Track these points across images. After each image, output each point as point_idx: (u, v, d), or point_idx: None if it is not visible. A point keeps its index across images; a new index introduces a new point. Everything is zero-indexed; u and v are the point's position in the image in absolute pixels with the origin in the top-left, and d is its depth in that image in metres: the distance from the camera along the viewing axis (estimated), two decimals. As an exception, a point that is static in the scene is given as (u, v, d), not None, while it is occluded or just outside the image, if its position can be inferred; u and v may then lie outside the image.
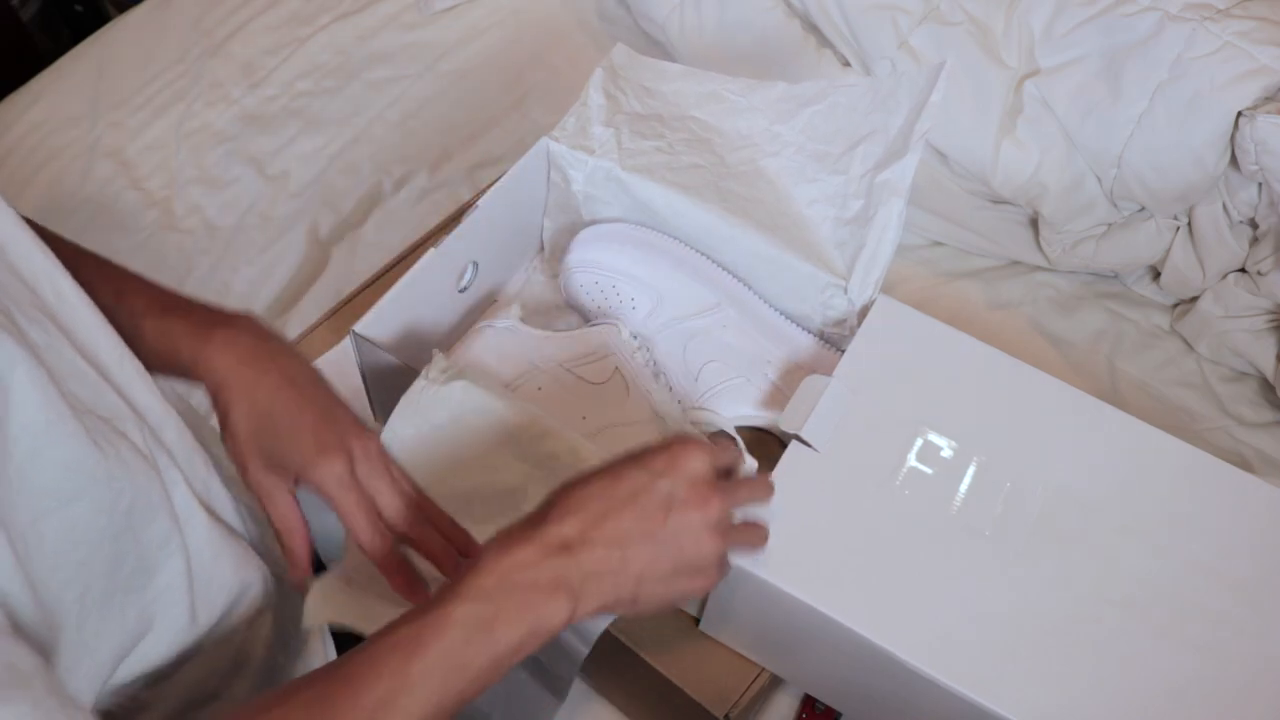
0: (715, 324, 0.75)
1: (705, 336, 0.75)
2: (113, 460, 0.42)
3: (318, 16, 1.32)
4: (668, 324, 0.75)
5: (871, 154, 0.74)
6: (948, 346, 0.69)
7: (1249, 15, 0.81)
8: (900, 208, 0.71)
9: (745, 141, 0.79)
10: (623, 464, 0.48)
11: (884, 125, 0.74)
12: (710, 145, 0.78)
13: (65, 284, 0.46)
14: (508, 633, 0.43)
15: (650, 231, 0.78)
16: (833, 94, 0.77)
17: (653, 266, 0.76)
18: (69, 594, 0.41)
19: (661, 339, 0.75)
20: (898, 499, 0.61)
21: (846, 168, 0.75)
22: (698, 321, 0.75)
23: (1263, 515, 0.63)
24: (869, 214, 0.72)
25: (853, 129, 0.76)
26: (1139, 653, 0.57)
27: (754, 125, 0.79)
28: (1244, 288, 0.88)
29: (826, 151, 0.76)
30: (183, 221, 1.11)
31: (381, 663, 0.41)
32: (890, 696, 0.60)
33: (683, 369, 0.74)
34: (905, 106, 0.73)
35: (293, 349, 0.55)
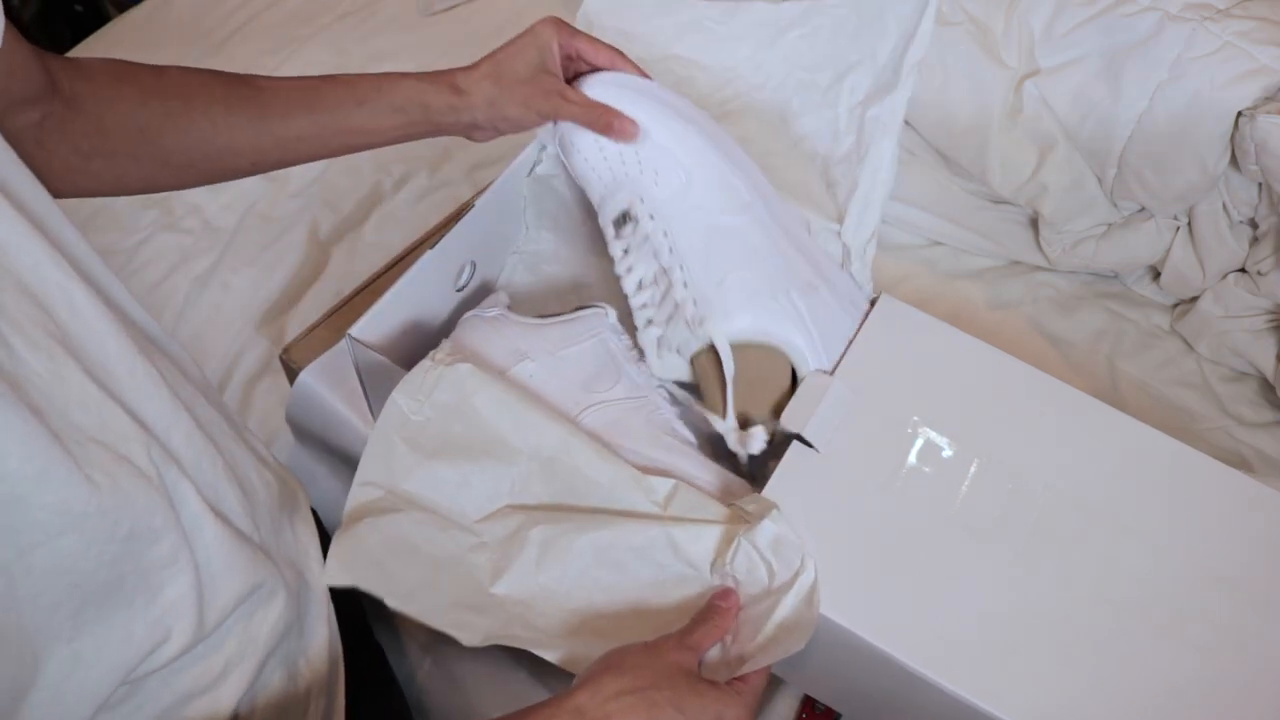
0: (746, 225, 0.66)
1: (732, 237, 0.66)
2: (107, 494, 0.42)
3: (318, 16, 1.32)
4: (692, 211, 0.66)
5: (860, 85, 0.72)
6: (948, 346, 0.69)
7: (1249, 15, 0.81)
8: (893, 147, 0.69)
9: (730, 75, 0.77)
10: (667, 703, 0.50)
11: (871, 52, 0.72)
12: (694, 84, 0.77)
13: (79, 296, 0.46)
14: None
15: (681, 97, 0.67)
16: (815, 16, 0.75)
17: (682, 138, 0.66)
18: (60, 613, 0.42)
19: (683, 227, 0.66)
20: (898, 499, 0.61)
21: (835, 100, 0.73)
22: (727, 219, 0.66)
23: (1261, 516, 0.63)
24: (861, 152, 0.70)
25: (839, 56, 0.73)
26: (1138, 653, 0.56)
27: (736, 55, 0.77)
28: (1244, 288, 0.88)
29: (813, 81, 0.74)
30: (183, 221, 1.11)
31: None
32: (890, 697, 0.59)
33: (704, 269, 0.65)
34: (894, 32, 0.71)
35: None
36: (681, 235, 0.65)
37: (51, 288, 0.44)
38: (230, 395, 0.98)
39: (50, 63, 0.55)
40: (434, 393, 0.61)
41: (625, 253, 0.67)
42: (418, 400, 0.61)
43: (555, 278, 0.85)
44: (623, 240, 0.67)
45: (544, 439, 0.60)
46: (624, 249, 0.67)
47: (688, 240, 0.65)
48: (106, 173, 0.59)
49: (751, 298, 0.64)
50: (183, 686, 0.50)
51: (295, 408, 0.83)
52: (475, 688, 0.84)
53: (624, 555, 0.58)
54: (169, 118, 0.59)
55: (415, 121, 0.65)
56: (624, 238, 0.67)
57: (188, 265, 1.07)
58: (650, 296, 0.67)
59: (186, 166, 0.62)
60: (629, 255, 0.67)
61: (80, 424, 0.42)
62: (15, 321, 0.41)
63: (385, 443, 0.62)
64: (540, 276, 0.84)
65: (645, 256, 0.66)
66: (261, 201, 1.12)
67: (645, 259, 0.66)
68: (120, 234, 1.10)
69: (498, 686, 0.82)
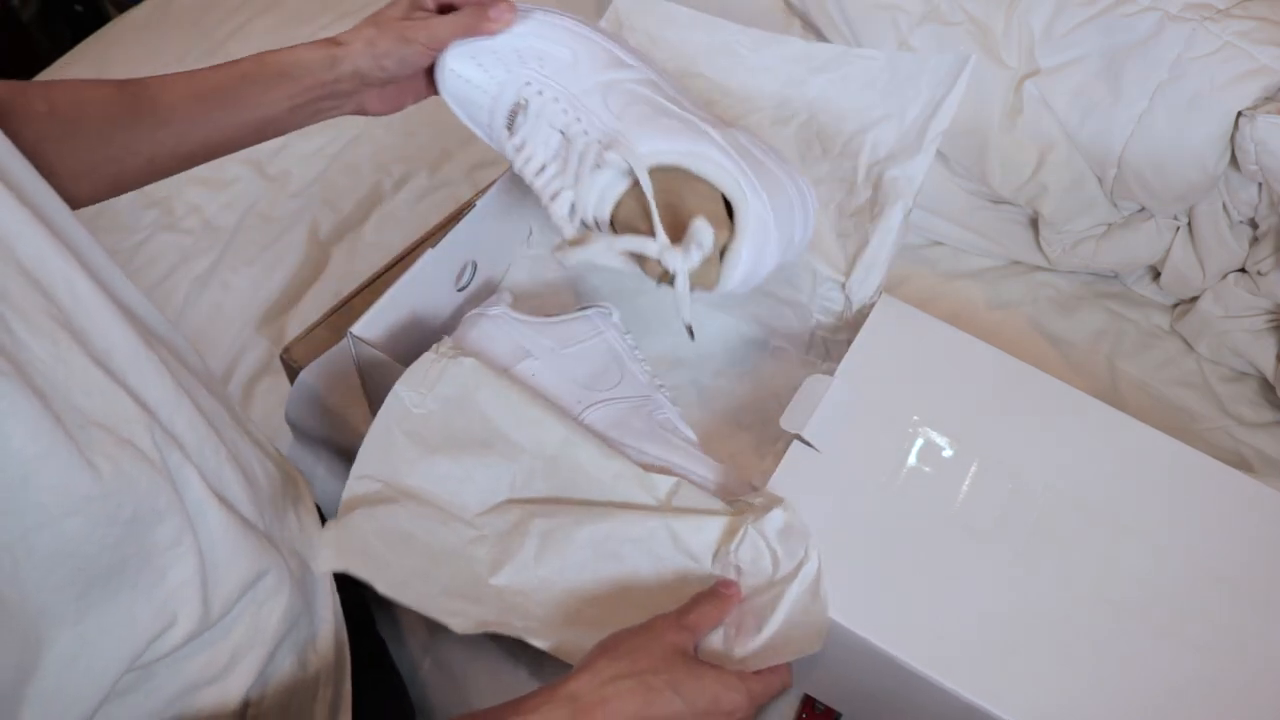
0: (641, 78, 0.65)
1: (628, 89, 0.63)
2: (109, 478, 0.42)
3: (318, 16, 1.32)
4: (583, 76, 0.64)
5: (884, 143, 0.72)
6: (948, 346, 0.69)
7: (1249, 15, 0.81)
8: (904, 212, 0.70)
9: (752, 105, 0.76)
10: (664, 686, 0.50)
11: (899, 111, 0.72)
12: (712, 109, 0.76)
13: (82, 284, 0.46)
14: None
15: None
16: (848, 63, 0.75)
17: (558, 22, 0.65)
18: (65, 596, 0.42)
19: (578, 88, 0.63)
20: (898, 499, 0.61)
21: (857, 152, 0.73)
22: (618, 74, 0.64)
23: (1261, 516, 0.63)
24: (876, 210, 0.71)
25: (867, 109, 0.73)
26: (1138, 653, 0.56)
27: (764, 88, 0.76)
28: (1244, 288, 0.88)
29: (837, 129, 0.74)
30: (183, 221, 1.11)
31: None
32: (890, 696, 0.59)
33: (604, 110, 0.62)
34: (924, 96, 0.71)
35: None
36: (578, 95, 0.63)
37: (55, 275, 0.45)
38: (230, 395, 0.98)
39: None
40: (437, 386, 0.61)
41: (520, 147, 0.64)
42: (420, 393, 0.61)
43: (559, 279, 0.85)
44: (517, 135, 0.65)
45: (547, 436, 0.60)
46: (519, 143, 0.65)
47: (585, 97, 0.63)
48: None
49: (656, 121, 0.61)
50: (191, 674, 0.50)
51: (295, 407, 0.83)
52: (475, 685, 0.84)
53: (623, 547, 0.58)
54: (63, 140, 0.59)
55: (305, 87, 0.65)
56: (518, 131, 0.65)
57: (188, 265, 1.07)
58: (554, 168, 0.63)
59: (91, 184, 0.64)
60: (525, 146, 0.64)
61: (83, 408, 0.42)
62: (18, 306, 0.41)
63: (385, 435, 0.62)
64: (545, 278, 0.84)
65: (540, 132, 0.63)
66: (261, 201, 1.12)
67: (541, 135, 0.63)
68: (120, 234, 1.10)
69: (498, 684, 0.82)
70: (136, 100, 0.62)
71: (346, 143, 1.17)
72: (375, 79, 0.66)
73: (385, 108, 0.70)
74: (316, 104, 0.66)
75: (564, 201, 0.63)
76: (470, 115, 0.67)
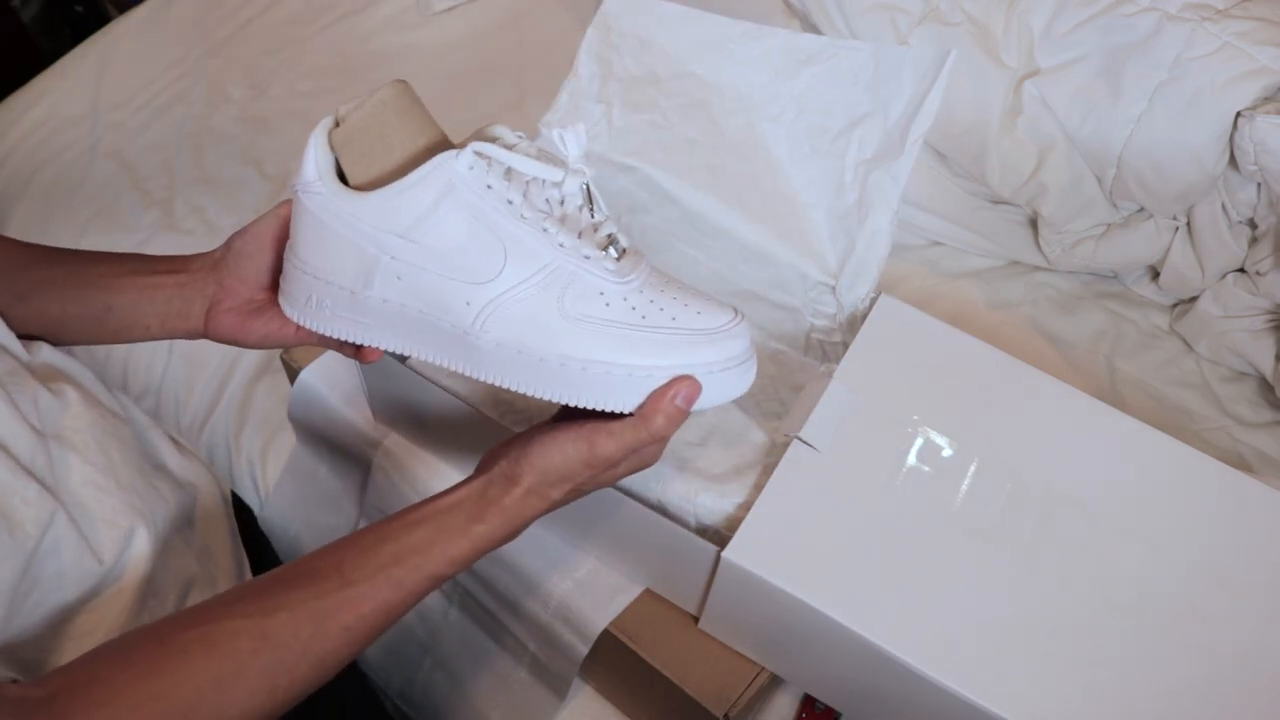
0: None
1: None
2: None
3: (318, 17, 1.32)
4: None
5: (869, 141, 0.72)
6: (948, 346, 0.69)
7: (1248, 15, 0.81)
8: (891, 218, 0.70)
9: (743, 103, 0.76)
10: (598, 470, 0.52)
11: (884, 108, 0.72)
12: (707, 109, 0.76)
13: None
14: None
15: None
16: (834, 55, 0.74)
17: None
18: None
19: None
20: (898, 499, 0.61)
21: (844, 151, 0.73)
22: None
23: (1262, 517, 0.63)
24: (863, 212, 0.71)
25: (853, 103, 0.73)
26: (1138, 653, 0.57)
27: (752, 82, 0.76)
28: (1243, 288, 0.88)
29: (824, 126, 0.74)
30: (183, 221, 1.11)
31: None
32: (890, 696, 0.60)
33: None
34: (908, 91, 0.71)
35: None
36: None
37: None
38: (230, 395, 0.98)
39: None
40: None
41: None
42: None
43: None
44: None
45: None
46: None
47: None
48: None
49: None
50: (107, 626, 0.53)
51: (296, 407, 0.83)
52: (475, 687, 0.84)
53: None
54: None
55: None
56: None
57: (188, 265, 1.07)
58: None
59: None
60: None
61: None
62: None
63: None
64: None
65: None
66: (261, 201, 1.12)
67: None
68: (121, 234, 1.10)
69: (498, 685, 0.83)
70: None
71: (346, 143, 1.17)
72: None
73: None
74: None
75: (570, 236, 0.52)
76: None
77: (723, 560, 0.58)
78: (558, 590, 0.70)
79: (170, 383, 1.01)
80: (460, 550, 0.50)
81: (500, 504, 0.51)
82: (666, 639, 0.67)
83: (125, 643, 0.44)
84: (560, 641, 0.72)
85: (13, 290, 0.57)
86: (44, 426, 0.54)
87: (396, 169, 0.51)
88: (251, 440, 0.95)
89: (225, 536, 0.66)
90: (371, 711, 0.85)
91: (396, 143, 0.52)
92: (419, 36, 1.29)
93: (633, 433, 0.50)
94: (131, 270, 0.58)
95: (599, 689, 0.79)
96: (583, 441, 0.51)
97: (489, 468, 0.53)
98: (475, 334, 0.51)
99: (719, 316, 0.51)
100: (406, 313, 0.52)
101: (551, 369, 0.50)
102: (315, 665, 0.46)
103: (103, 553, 0.53)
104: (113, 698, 0.41)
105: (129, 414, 0.62)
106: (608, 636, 0.68)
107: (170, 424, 1.00)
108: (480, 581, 0.76)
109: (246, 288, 0.58)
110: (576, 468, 0.51)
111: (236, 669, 0.44)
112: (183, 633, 0.44)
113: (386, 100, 0.51)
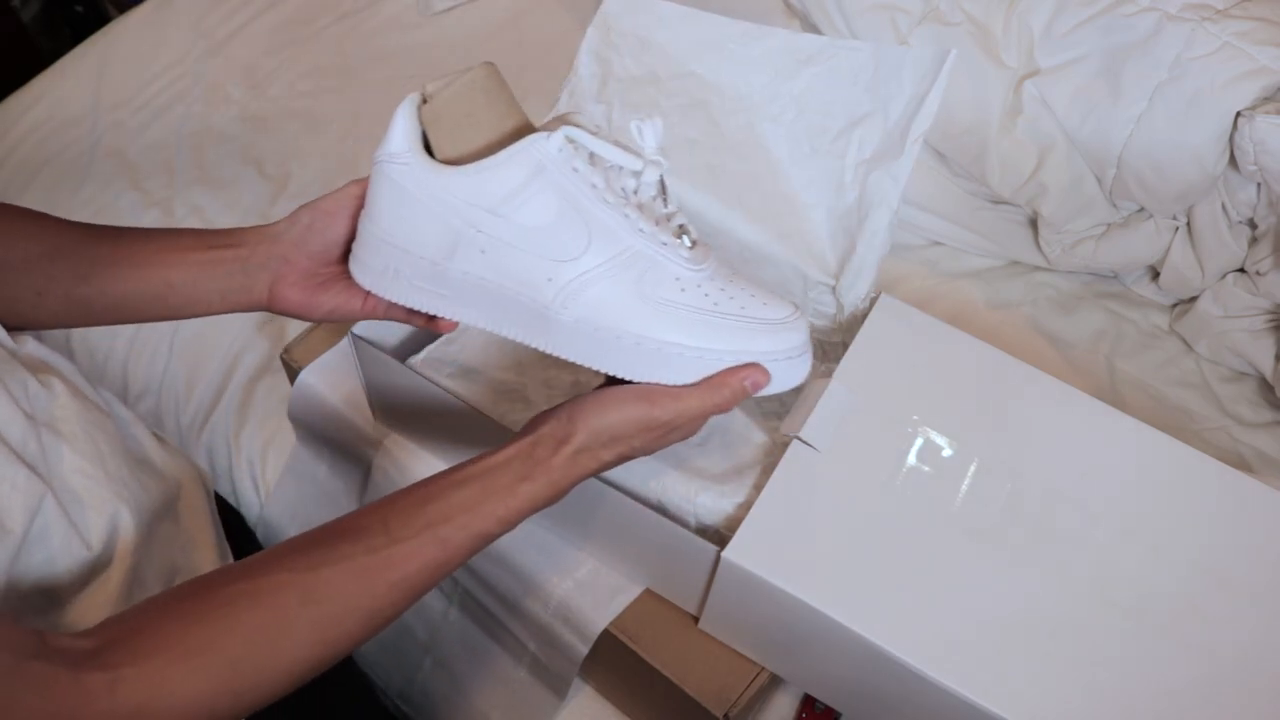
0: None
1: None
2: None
3: (318, 17, 1.32)
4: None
5: (869, 141, 0.72)
6: (948, 346, 0.69)
7: (1248, 15, 0.81)
8: (891, 218, 0.70)
9: (743, 103, 0.76)
10: (652, 433, 0.53)
11: (884, 108, 0.72)
12: (707, 109, 0.76)
13: None
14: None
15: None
16: (834, 55, 0.75)
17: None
18: None
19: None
20: (898, 499, 0.61)
21: (844, 151, 0.73)
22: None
23: (1261, 517, 0.63)
24: (863, 212, 0.71)
25: (853, 103, 0.73)
26: (1137, 653, 0.57)
27: (753, 82, 0.76)
28: (1243, 288, 0.88)
29: (824, 125, 0.74)
30: (183, 222, 1.11)
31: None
32: (890, 696, 0.60)
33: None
34: (907, 91, 0.71)
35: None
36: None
37: None
38: (230, 395, 0.98)
39: None
40: None
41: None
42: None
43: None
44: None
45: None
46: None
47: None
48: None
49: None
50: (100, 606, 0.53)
51: (296, 407, 0.83)
52: (475, 687, 0.84)
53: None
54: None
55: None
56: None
57: (188, 265, 1.07)
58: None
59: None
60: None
61: None
62: None
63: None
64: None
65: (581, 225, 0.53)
66: (261, 201, 1.12)
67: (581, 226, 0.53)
68: (121, 234, 1.10)
69: (498, 686, 0.83)
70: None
71: (346, 143, 1.17)
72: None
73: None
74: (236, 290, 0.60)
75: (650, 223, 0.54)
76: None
77: (723, 560, 0.58)
78: (558, 590, 0.70)
79: (170, 383, 1.01)
80: (507, 509, 0.50)
81: (548, 464, 0.51)
82: (666, 639, 0.67)
83: (173, 595, 0.45)
84: (560, 641, 0.72)
85: (74, 271, 0.56)
86: (35, 413, 0.54)
87: (484, 148, 0.53)
88: (251, 440, 0.95)
89: (209, 530, 0.66)
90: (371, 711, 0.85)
91: (484, 121, 0.53)
92: (419, 36, 1.29)
93: (698, 400, 0.52)
94: (189, 246, 0.58)
95: (599, 689, 0.79)
96: (643, 401, 0.52)
97: (536, 428, 0.53)
98: (555, 310, 0.52)
99: (781, 309, 0.53)
100: (486, 286, 0.54)
101: (626, 347, 0.52)
102: (364, 620, 0.47)
103: (91, 538, 0.53)
104: (160, 648, 0.42)
105: (112, 408, 0.62)
106: (608, 636, 0.68)
107: (170, 424, 1.00)
108: (480, 581, 0.76)
109: (313, 262, 0.59)
110: (632, 428, 0.52)
111: (284, 622, 0.44)
112: (229, 586, 0.44)
113: (476, 80, 0.52)
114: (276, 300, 0.59)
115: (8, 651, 0.38)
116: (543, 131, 0.51)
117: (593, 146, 0.51)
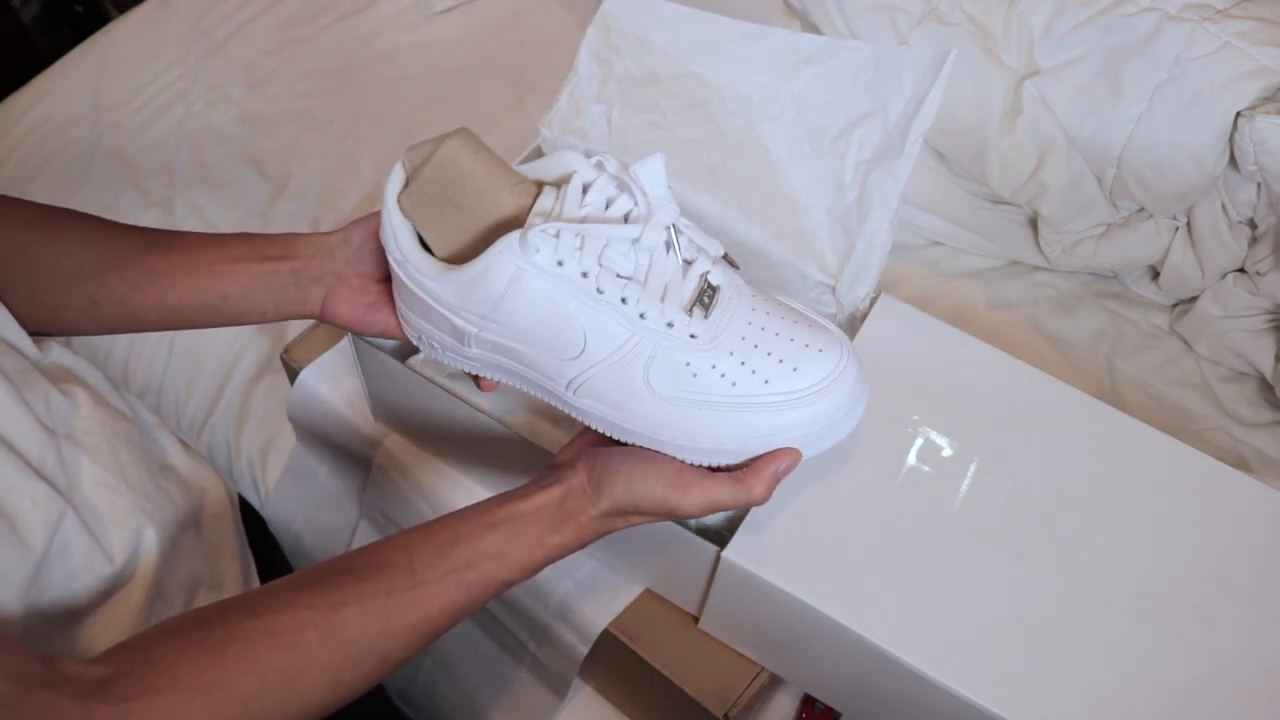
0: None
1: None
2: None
3: (318, 17, 1.32)
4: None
5: (869, 141, 0.73)
6: (948, 346, 0.69)
7: (1248, 15, 0.81)
8: (891, 218, 0.70)
9: (743, 103, 0.76)
10: (678, 515, 0.52)
11: (884, 108, 0.72)
12: (707, 109, 0.76)
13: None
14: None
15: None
16: (834, 55, 0.75)
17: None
18: None
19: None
20: (898, 499, 0.61)
21: (843, 151, 0.73)
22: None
23: (1262, 517, 0.63)
24: (863, 212, 0.71)
25: (853, 103, 0.73)
26: (1137, 653, 0.57)
27: (753, 82, 0.76)
28: (1243, 288, 0.88)
29: (824, 125, 0.74)
30: (183, 222, 1.11)
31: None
32: (890, 696, 0.60)
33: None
34: (907, 91, 0.71)
35: None
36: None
37: None
38: (230, 395, 0.98)
39: None
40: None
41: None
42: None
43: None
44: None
45: None
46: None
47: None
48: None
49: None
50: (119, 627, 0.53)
51: (296, 407, 0.83)
52: (475, 687, 0.84)
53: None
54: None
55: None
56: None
57: (188, 265, 1.07)
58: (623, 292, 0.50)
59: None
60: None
61: None
62: None
63: None
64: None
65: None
66: (261, 201, 1.12)
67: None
68: (121, 234, 1.10)
69: (498, 686, 0.83)
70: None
71: (346, 143, 1.17)
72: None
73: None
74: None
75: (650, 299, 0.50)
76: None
77: (723, 560, 0.58)
78: (558, 590, 0.70)
79: (170, 382, 1.01)
80: (533, 559, 0.50)
81: (578, 519, 0.51)
82: (666, 639, 0.67)
83: (191, 622, 0.44)
84: (560, 641, 0.72)
85: (127, 280, 0.56)
86: (55, 426, 0.54)
87: (473, 236, 0.52)
88: (251, 440, 0.95)
89: (232, 538, 0.66)
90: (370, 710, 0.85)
91: (464, 205, 0.52)
92: (419, 36, 1.29)
93: (729, 495, 0.50)
94: (243, 256, 0.57)
95: (599, 689, 0.79)
96: (675, 490, 0.50)
97: (567, 473, 0.52)
98: (569, 396, 0.52)
99: (819, 367, 0.49)
100: (504, 366, 0.54)
101: (643, 436, 0.51)
102: (380, 662, 0.46)
103: (113, 553, 0.53)
104: (173, 683, 0.41)
105: (137, 414, 0.62)
106: (608, 636, 0.68)
107: (170, 423, 1.00)
108: (480, 581, 0.76)
109: (365, 280, 0.59)
110: (660, 509, 0.51)
111: (301, 662, 0.44)
112: (246, 621, 0.44)
113: (446, 161, 0.51)
114: (328, 314, 0.59)
115: (13, 680, 0.37)
116: (514, 233, 0.47)
117: (577, 230, 0.48)
